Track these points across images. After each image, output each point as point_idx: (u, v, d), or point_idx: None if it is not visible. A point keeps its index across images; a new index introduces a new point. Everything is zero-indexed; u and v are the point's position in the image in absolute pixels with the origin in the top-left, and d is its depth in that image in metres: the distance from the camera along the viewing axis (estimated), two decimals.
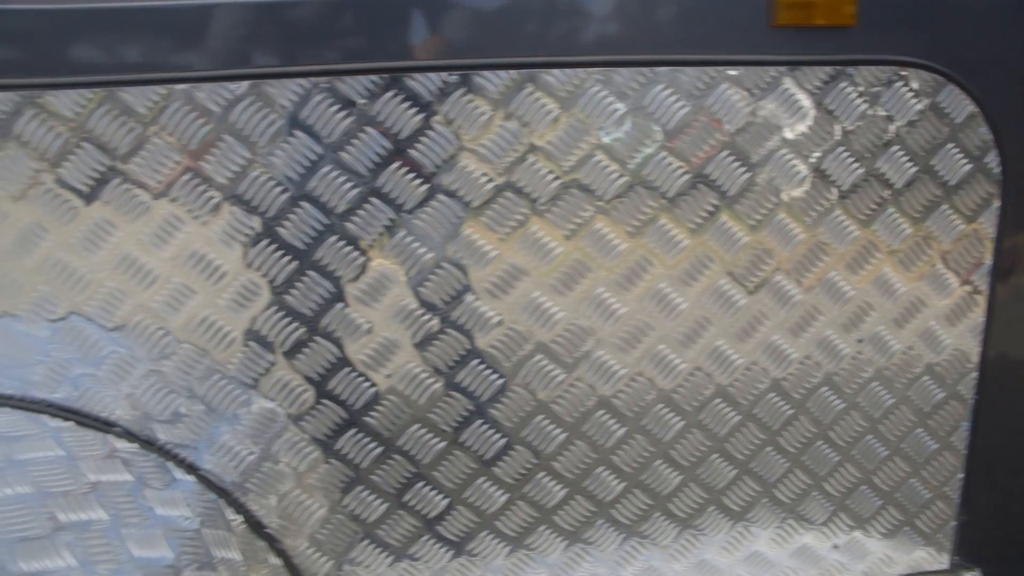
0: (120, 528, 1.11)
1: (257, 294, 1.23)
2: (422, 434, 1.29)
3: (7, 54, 1.17)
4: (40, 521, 1.05)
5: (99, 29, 1.18)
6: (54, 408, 1.24)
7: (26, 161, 1.17)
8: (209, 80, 1.19)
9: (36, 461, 1.14)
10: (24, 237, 1.19)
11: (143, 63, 1.18)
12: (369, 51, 1.20)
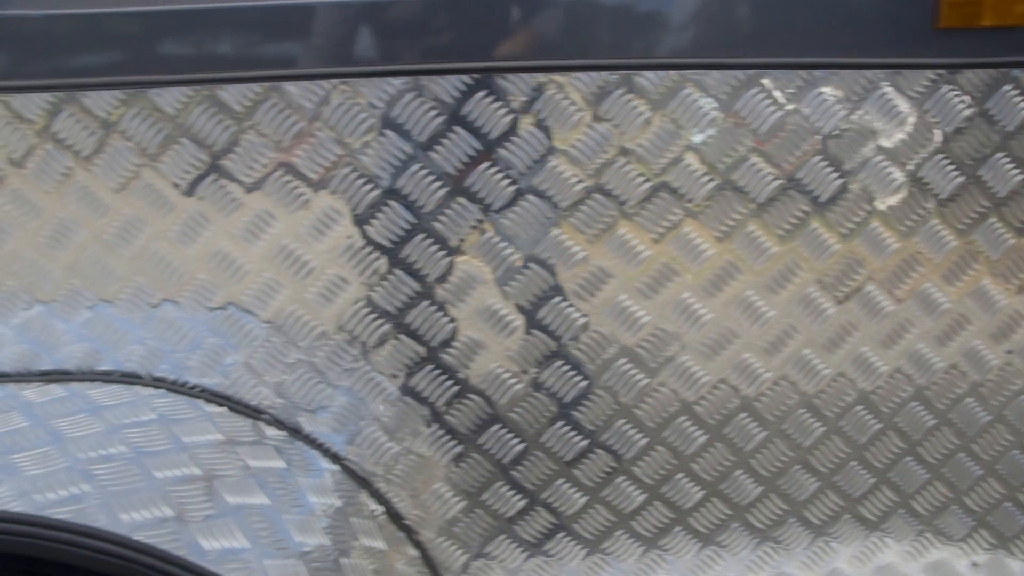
0: (281, 513, 1.13)
1: (407, 289, 1.24)
2: (565, 432, 1.29)
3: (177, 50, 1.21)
4: (216, 502, 1.07)
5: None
6: (208, 393, 1.27)
7: (196, 153, 1.21)
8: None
9: (199, 444, 1.17)
10: (188, 227, 1.22)
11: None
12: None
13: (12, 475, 1.04)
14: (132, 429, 1.17)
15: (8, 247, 1.26)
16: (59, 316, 1.28)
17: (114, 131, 1.21)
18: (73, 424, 1.16)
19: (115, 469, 1.08)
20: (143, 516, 1.02)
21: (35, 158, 1.23)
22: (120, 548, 0.98)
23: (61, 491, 1.02)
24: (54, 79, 1.22)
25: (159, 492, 1.07)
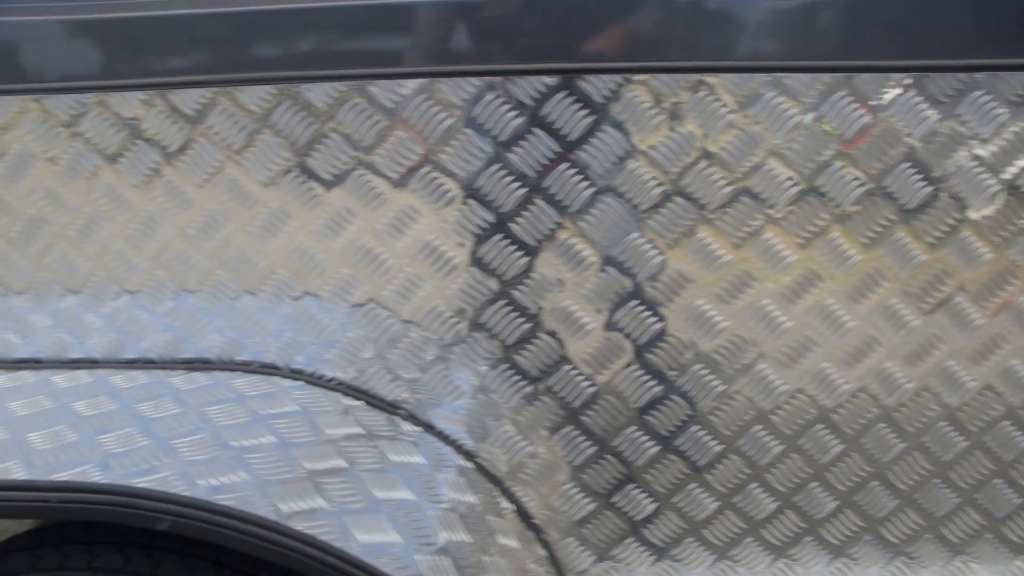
0: (425, 509, 1.13)
1: (556, 288, 1.24)
2: (701, 435, 1.28)
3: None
4: (364, 495, 1.08)
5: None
6: (345, 387, 1.28)
7: (344, 149, 1.22)
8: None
9: (341, 437, 1.18)
10: (333, 221, 1.23)
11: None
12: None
13: (174, 458, 1.06)
14: (277, 420, 1.18)
15: (160, 239, 1.29)
16: (201, 306, 1.30)
17: (265, 126, 1.23)
18: (222, 412, 1.18)
19: (266, 458, 1.10)
20: (299, 506, 1.04)
21: (190, 152, 1.25)
22: (283, 537, 0.99)
23: (222, 478, 1.04)
24: (208, 75, 1.24)
25: (311, 483, 1.08)
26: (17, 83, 1.27)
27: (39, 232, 1.31)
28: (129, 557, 1.17)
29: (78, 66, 1.25)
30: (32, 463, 1.04)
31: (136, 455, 1.06)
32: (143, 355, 1.32)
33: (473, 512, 1.21)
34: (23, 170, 1.29)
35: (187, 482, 1.02)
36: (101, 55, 1.25)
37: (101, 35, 1.25)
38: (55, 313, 1.32)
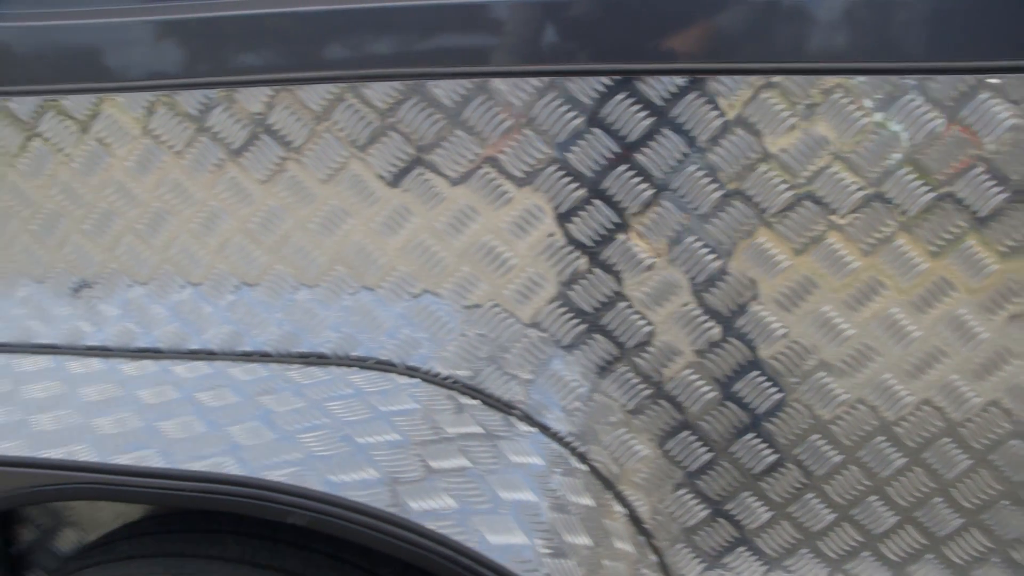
0: (550, 511, 1.12)
1: (677, 291, 1.22)
2: (820, 445, 1.25)
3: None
4: (491, 496, 1.08)
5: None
6: (462, 385, 1.28)
7: (470, 147, 1.21)
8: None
9: (463, 436, 1.18)
10: (456, 219, 1.23)
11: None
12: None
13: (300, 450, 1.07)
14: (398, 417, 1.18)
15: (281, 234, 1.30)
16: (320, 301, 1.31)
17: (391, 123, 1.23)
18: (345, 408, 1.18)
19: (393, 456, 1.10)
20: (431, 505, 1.03)
21: (313, 147, 1.26)
22: (419, 537, 0.99)
23: (353, 474, 1.04)
24: (335, 71, 1.24)
25: (441, 482, 1.07)
26: (147, 79, 1.28)
27: (164, 225, 1.33)
28: (251, 548, 1.18)
29: (205, 62, 1.26)
30: (169, 453, 1.06)
31: (266, 448, 1.07)
32: (259, 348, 1.33)
33: (590, 515, 1.20)
34: (151, 164, 1.31)
35: (318, 476, 1.03)
36: (230, 51, 1.26)
37: (230, 31, 1.26)
38: (175, 305, 1.34)
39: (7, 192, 1.42)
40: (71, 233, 1.40)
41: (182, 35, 1.28)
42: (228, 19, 1.27)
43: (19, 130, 1.38)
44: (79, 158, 1.36)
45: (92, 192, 1.38)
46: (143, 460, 1.05)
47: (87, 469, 1.05)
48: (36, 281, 1.44)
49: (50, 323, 1.42)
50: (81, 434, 1.13)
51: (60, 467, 1.06)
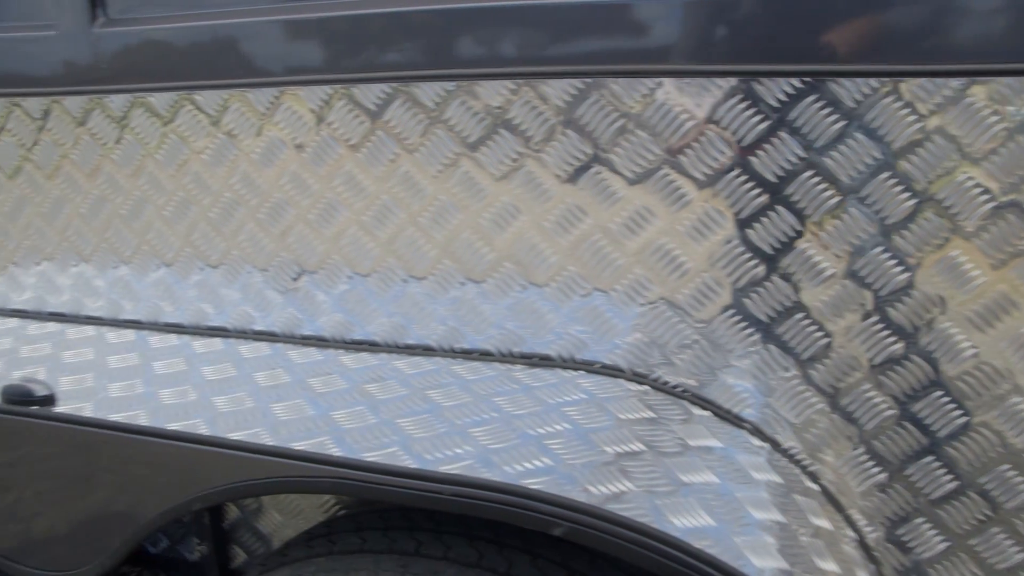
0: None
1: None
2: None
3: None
4: (742, 515, 1.02)
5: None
6: (691, 395, 1.23)
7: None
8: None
9: (706, 450, 1.13)
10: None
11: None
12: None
13: (549, 456, 1.04)
14: (641, 427, 1.14)
15: (515, 231, 1.27)
16: (550, 301, 1.28)
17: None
18: (581, 413, 1.15)
19: (647, 469, 1.06)
20: (691, 522, 0.99)
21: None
22: (684, 555, 0.94)
23: (609, 486, 1.00)
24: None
25: (693, 497, 1.03)
26: (383, 71, 1.27)
27: (390, 218, 1.32)
28: (451, 546, 1.17)
29: (448, 54, 1.24)
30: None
31: (511, 452, 1.05)
32: (480, 348, 1.31)
33: (831, 538, 1.13)
34: (381, 156, 1.31)
35: (576, 487, 0.99)
36: (474, 43, 1.24)
37: (473, 23, 1.23)
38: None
39: (191, 182, 1.44)
40: (247, 222, 1.41)
41: (432, 27, 1.26)
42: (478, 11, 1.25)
43: (206, 123, 1.41)
44: (259, 150, 1.38)
45: (268, 183, 1.39)
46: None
47: (336, 464, 1.03)
48: (211, 266, 1.46)
49: (225, 307, 1.43)
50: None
51: (308, 459, 1.05)
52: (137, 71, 1.41)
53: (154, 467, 1.14)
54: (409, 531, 1.19)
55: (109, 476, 1.18)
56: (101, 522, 1.21)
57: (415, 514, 1.22)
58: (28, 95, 1.51)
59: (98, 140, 1.50)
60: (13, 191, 1.61)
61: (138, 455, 1.15)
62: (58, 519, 1.24)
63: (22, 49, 1.48)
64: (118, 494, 1.18)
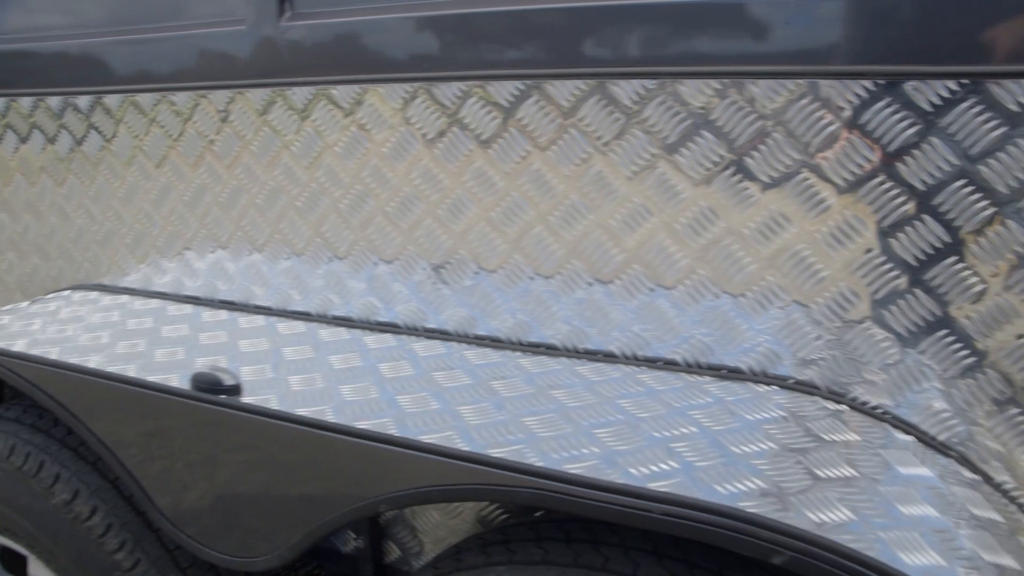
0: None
1: None
2: None
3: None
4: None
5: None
6: (893, 418, 1.14)
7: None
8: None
9: (918, 480, 1.05)
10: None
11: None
12: None
13: (759, 477, 0.98)
14: (848, 450, 1.07)
15: (645, 232, 1.24)
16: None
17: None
18: (783, 431, 1.08)
19: (862, 497, 0.99)
20: (919, 561, 0.91)
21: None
22: None
23: (829, 513, 0.94)
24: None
25: (918, 532, 0.95)
26: (579, 67, 1.24)
27: (519, 216, 1.30)
28: (640, 564, 1.11)
29: (644, 50, 1.19)
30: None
31: (717, 471, 0.99)
32: (661, 355, 1.26)
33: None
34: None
35: (797, 513, 0.93)
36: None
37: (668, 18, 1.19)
38: (578, 301, 1.31)
39: (369, 175, 1.43)
40: (375, 215, 1.42)
41: (622, 22, 1.21)
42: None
43: (388, 116, 1.39)
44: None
45: (398, 177, 1.40)
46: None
47: (538, 474, 1.00)
48: (339, 258, 1.46)
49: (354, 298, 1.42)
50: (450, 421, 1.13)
51: (508, 468, 1.02)
52: (322, 64, 1.41)
53: (341, 464, 1.13)
54: (593, 545, 1.15)
55: (294, 470, 1.18)
56: (283, 515, 1.21)
57: (597, 526, 1.18)
58: (215, 88, 1.53)
59: (278, 132, 1.51)
60: (194, 181, 1.63)
61: (325, 451, 1.14)
62: (241, 508, 1.25)
63: (211, 43, 1.50)
64: (302, 488, 1.18)
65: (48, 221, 1.87)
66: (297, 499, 1.18)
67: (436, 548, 1.51)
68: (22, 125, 1.83)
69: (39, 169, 1.83)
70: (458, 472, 1.04)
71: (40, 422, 1.59)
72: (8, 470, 1.53)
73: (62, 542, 1.50)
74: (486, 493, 1.01)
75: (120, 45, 1.61)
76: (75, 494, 1.50)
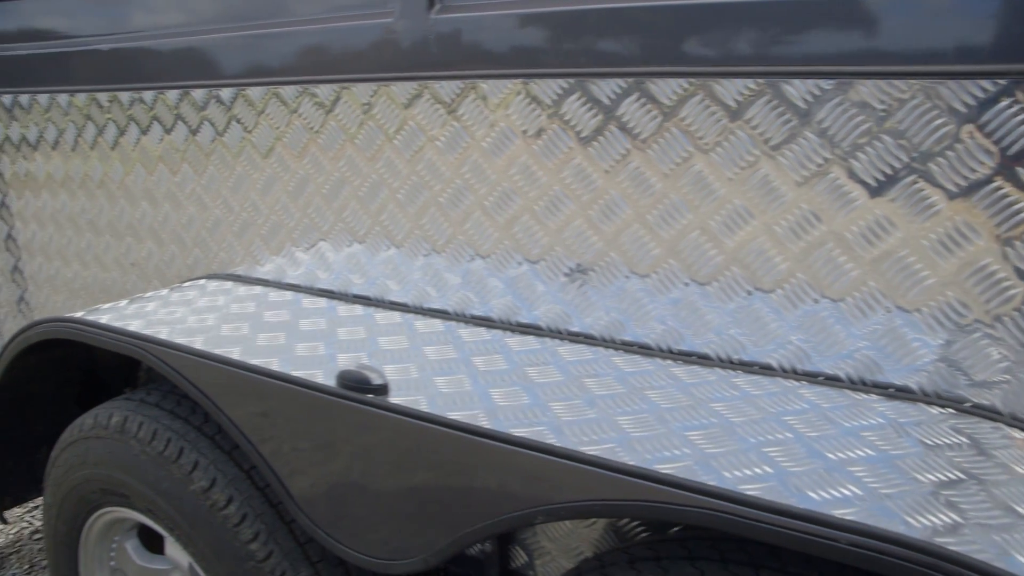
0: None
1: None
2: None
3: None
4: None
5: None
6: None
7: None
8: None
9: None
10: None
11: None
12: None
13: (955, 511, 0.90)
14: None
15: (814, 239, 1.17)
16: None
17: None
18: (970, 460, 1.00)
19: (978, 501, 0.90)
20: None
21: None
22: None
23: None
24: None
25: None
26: (694, 65, 1.19)
27: (677, 218, 1.25)
28: None
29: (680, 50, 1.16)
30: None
31: (914, 499, 0.92)
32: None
33: None
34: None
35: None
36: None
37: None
38: (738, 310, 1.25)
39: (517, 172, 1.40)
40: (522, 213, 1.39)
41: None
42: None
43: (540, 111, 1.36)
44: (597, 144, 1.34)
45: (548, 175, 1.35)
46: (691, 473, 0.97)
47: (710, 494, 0.94)
48: (480, 256, 1.44)
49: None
50: (608, 431, 1.09)
51: (677, 485, 0.96)
52: (472, 57, 1.38)
53: (496, 472, 1.10)
54: (753, 568, 1.09)
55: (443, 474, 1.15)
56: (429, 519, 1.18)
57: (753, 547, 1.12)
58: (359, 80, 1.52)
59: (423, 127, 1.49)
60: (333, 173, 1.63)
61: (479, 457, 1.11)
62: (384, 509, 1.23)
63: (356, 36, 1.49)
64: (452, 494, 1.15)
65: (187, 210, 1.90)
66: (445, 504, 1.16)
67: (565, 557, 1.48)
68: (167, 116, 1.86)
69: (180, 159, 1.86)
70: (625, 488, 1.00)
71: (179, 409, 1.62)
72: (151, 454, 1.55)
73: (199, 528, 1.52)
74: (655, 511, 0.96)
75: (264, 39, 1.62)
76: (212, 482, 1.51)
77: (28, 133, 2.18)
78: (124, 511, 1.67)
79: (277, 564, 1.48)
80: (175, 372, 1.43)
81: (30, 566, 2.80)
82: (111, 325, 1.56)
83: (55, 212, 2.21)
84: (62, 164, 2.12)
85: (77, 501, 1.74)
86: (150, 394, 1.67)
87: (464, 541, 1.15)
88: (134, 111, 1.91)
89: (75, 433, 1.69)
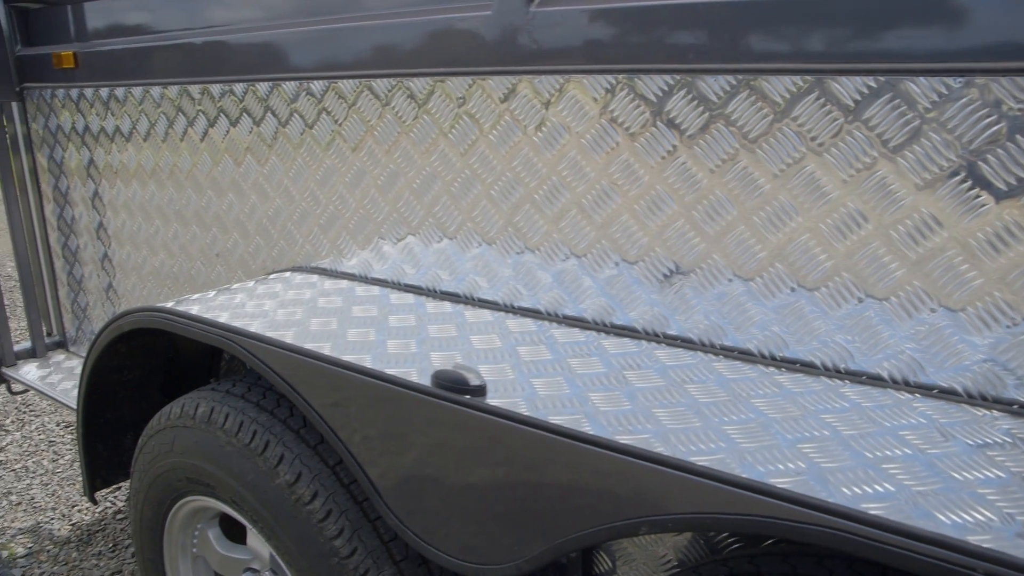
0: None
1: None
2: None
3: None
4: None
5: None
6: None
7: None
8: None
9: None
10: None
11: None
12: None
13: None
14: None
15: (858, 239, 1.11)
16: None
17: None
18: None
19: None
20: None
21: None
22: None
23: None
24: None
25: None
26: (809, 62, 1.13)
27: (779, 222, 1.22)
28: None
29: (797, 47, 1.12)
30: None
31: (941, 496, 0.87)
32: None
33: None
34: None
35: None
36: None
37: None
38: (845, 315, 1.20)
39: (618, 170, 1.36)
40: (620, 213, 1.36)
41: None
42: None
43: (645, 107, 1.32)
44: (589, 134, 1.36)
45: (650, 174, 1.30)
46: (810, 490, 0.92)
47: (832, 512, 0.90)
48: (575, 255, 1.41)
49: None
50: (716, 440, 1.05)
51: (795, 502, 0.92)
52: (572, 52, 1.34)
53: (598, 479, 1.06)
54: None
55: (542, 479, 1.12)
56: (525, 525, 1.15)
57: (862, 566, 1.07)
58: (455, 74, 1.50)
59: (519, 122, 1.46)
60: (424, 168, 1.61)
61: (581, 464, 1.08)
62: (477, 512, 1.21)
63: (454, 28, 1.47)
64: (549, 500, 1.12)
65: (273, 202, 1.90)
66: (543, 510, 1.13)
67: (651, 565, 1.44)
68: (258, 108, 1.86)
69: (269, 151, 1.87)
70: (738, 502, 0.95)
71: (264, 401, 1.62)
72: (237, 446, 1.55)
73: (283, 522, 1.51)
74: (771, 527, 0.92)
75: (358, 32, 1.61)
76: (298, 476, 1.50)
77: (122, 124, 2.21)
78: (209, 500, 1.68)
79: (360, 561, 1.46)
80: (266, 366, 1.43)
81: (114, 544, 2.87)
82: (202, 316, 1.56)
83: (144, 202, 2.24)
84: (153, 155, 2.15)
85: (163, 488, 1.75)
86: (236, 385, 1.67)
87: (562, 549, 1.12)
88: (224, 103, 1.92)
89: (162, 421, 1.71)
